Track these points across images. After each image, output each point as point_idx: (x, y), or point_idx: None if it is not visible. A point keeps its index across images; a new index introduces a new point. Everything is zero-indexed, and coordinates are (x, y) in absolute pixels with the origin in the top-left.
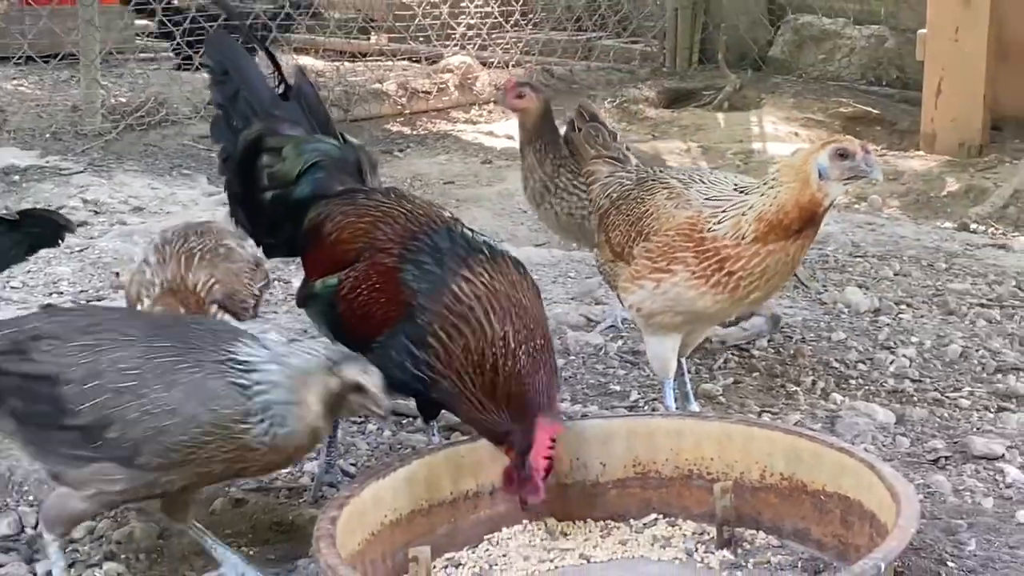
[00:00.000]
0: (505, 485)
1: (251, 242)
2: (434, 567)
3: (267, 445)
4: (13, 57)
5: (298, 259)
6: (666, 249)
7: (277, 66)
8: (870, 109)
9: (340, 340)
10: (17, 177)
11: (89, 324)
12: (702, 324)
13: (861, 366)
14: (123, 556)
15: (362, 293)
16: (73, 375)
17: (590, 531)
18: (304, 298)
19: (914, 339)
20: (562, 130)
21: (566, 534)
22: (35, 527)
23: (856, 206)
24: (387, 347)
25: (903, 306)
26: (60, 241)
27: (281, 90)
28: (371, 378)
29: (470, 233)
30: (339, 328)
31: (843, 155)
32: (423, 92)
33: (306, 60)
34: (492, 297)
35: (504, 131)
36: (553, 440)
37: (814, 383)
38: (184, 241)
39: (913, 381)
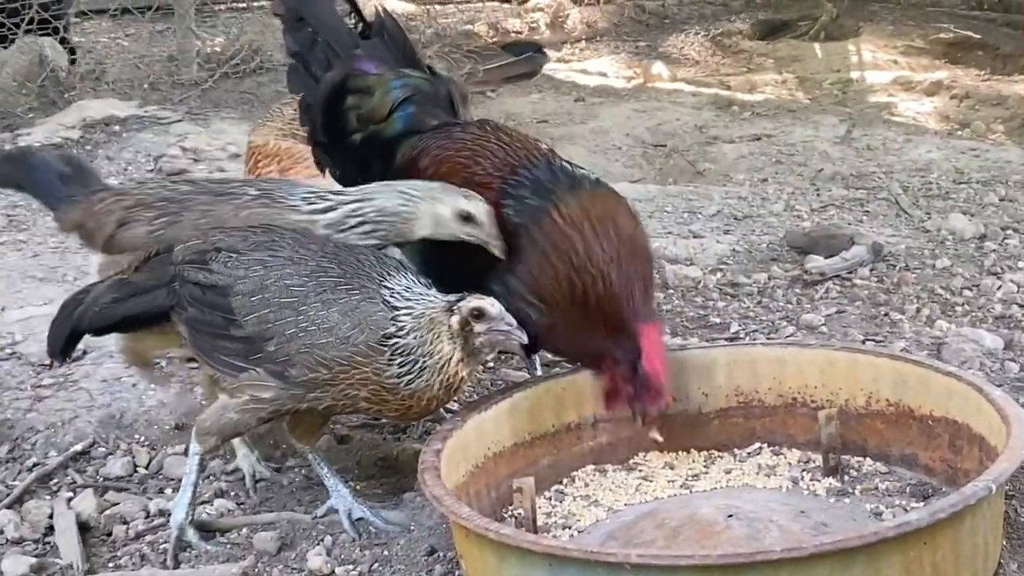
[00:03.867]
0: (608, 403)
1: None
2: (538, 498)
3: (402, 389)
4: (109, 10)
5: None
6: None
7: (354, 4)
8: (971, 34)
9: (435, 277)
10: (118, 127)
11: (268, 241)
12: None
13: (967, 292)
14: (233, 493)
15: None
16: (243, 287)
17: (693, 461)
18: None
19: (1021, 264)
20: None
21: (672, 467)
22: (147, 466)
23: (959, 132)
24: (491, 283)
25: (1009, 231)
26: None
27: (360, 30)
28: (487, 300)
29: (569, 167)
30: (438, 265)
31: None
32: (514, 32)
33: (395, 3)
34: (577, 227)
35: (597, 69)
36: (660, 337)
37: (919, 310)
38: None
39: (1021, 306)
